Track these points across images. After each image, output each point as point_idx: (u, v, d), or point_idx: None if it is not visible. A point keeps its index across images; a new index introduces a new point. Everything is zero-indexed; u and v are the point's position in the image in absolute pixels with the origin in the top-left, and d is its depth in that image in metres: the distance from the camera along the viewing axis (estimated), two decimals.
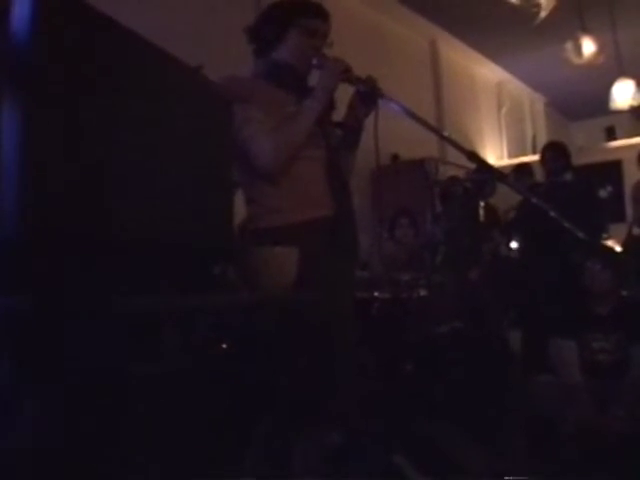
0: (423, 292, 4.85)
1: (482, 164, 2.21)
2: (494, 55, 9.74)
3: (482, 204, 5.17)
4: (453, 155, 7.38)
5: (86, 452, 1.24)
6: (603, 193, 6.27)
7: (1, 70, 1.05)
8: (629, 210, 7.08)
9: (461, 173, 6.04)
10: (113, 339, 1.25)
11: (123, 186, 1.24)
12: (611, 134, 10.48)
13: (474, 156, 2.21)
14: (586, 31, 6.45)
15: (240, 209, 2.61)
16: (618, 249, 5.58)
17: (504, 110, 10.90)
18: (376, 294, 4.65)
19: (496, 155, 10.41)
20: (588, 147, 9.49)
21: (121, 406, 1.32)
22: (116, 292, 1.17)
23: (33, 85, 1.05)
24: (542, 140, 10.12)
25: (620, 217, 7.35)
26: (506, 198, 5.34)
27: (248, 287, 1.72)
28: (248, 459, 2.40)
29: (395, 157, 7.16)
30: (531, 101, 11.81)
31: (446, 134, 2.55)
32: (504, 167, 7.98)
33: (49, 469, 1.17)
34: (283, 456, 2.36)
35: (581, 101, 11.16)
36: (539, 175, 5.85)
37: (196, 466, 1.65)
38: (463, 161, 2.28)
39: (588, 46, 6.40)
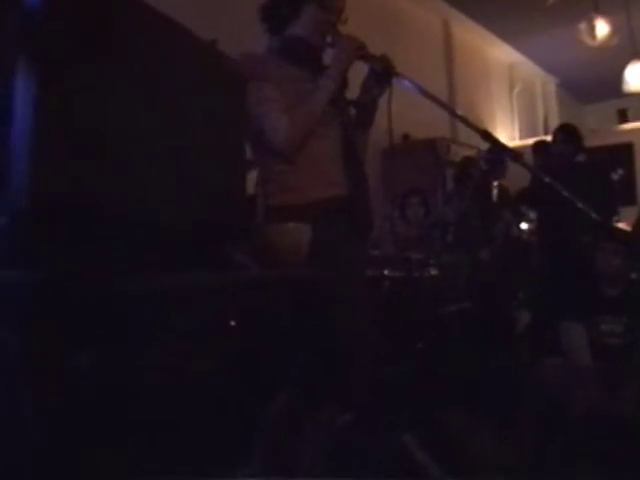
0: (434, 271, 4.84)
1: (496, 144, 2.20)
2: (507, 36, 9.67)
3: (495, 184, 5.15)
4: (464, 135, 7.36)
5: (94, 434, 1.24)
6: (614, 176, 6.24)
7: (14, 43, 1.04)
8: None
9: (473, 153, 6.01)
10: (122, 318, 1.25)
11: (134, 162, 1.23)
12: (623, 117, 10.38)
13: (488, 135, 2.19)
14: (600, 12, 6.39)
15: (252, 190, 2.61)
16: (628, 231, 5.56)
17: (516, 91, 10.84)
18: (386, 272, 4.65)
19: (508, 136, 10.35)
20: (600, 129, 9.42)
21: (129, 387, 1.32)
22: (125, 270, 1.17)
23: (46, 60, 1.04)
24: (554, 122, 10.06)
25: (631, 200, 7.32)
26: (518, 178, 5.31)
27: (260, 264, 1.71)
28: (257, 443, 2.41)
29: (406, 137, 7.13)
30: (543, 83, 11.73)
31: (459, 113, 2.53)
32: (516, 148, 7.94)
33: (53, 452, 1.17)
34: (293, 437, 2.37)
35: (594, 83, 11.08)
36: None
37: (207, 449, 1.65)
38: (474, 141, 2.27)
39: (602, 27, 6.35)
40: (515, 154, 2.15)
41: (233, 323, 3.10)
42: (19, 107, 1.02)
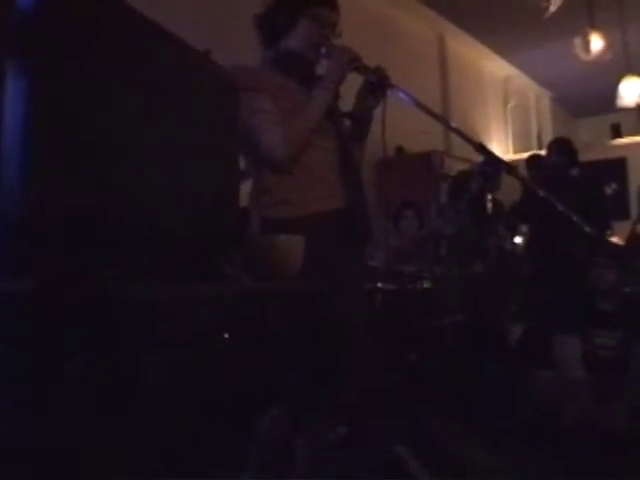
0: (427, 284, 4.84)
1: (491, 156, 2.20)
2: (502, 50, 9.72)
3: (489, 197, 5.16)
4: (458, 148, 7.37)
5: (86, 439, 1.23)
6: (608, 190, 6.25)
7: (6, 44, 1.04)
8: (633, 208, 7.05)
9: (467, 167, 6.02)
10: (111, 327, 1.24)
11: (126, 170, 1.22)
12: (616, 131, 10.44)
13: (482, 148, 2.19)
14: (594, 27, 6.43)
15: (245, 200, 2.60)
16: (622, 245, 5.58)
17: (510, 105, 10.88)
18: (380, 285, 4.64)
19: (501, 150, 10.39)
20: (593, 144, 9.46)
21: (121, 394, 1.31)
22: (116, 279, 1.15)
23: (38, 62, 1.03)
24: (547, 136, 10.10)
25: (624, 215, 7.32)
26: (512, 192, 5.31)
27: (252, 276, 1.70)
28: (251, 450, 2.40)
29: (399, 149, 7.14)
30: (537, 97, 11.79)
31: (454, 126, 2.53)
32: (510, 161, 7.95)
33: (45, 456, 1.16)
34: (286, 446, 2.36)
35: (587, 98, 11.14)
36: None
37: (199, 455, 1.65)
38: (468, 154, 2.27)
39: (596, 42, 6.38)
40: (510, 167, 2.15)
41: (226, 335, 3.09)
42: (9, 110, 1.01)
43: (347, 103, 2.52)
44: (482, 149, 2.17)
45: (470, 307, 5.07)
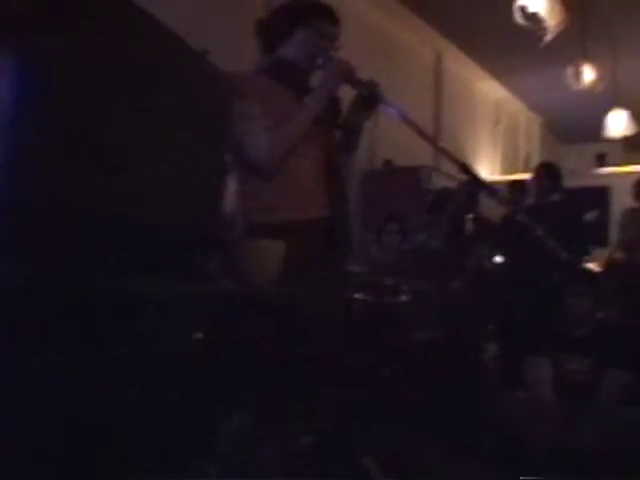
0: (405, 298, 4.86)
1: (473, 177, 2.24)
2: (496, 72, 9.80)
3: (469, 216, 5.20)
4: (447, 165, 7.40)
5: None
6: (590, 216, 6.33)
7: None
8: (613, 235, 7.12)
9: (453, 184, 6.07)
10: (87, 321, 1.24)
11: (111, 165, 1.23)
12: (602, 161, 10.53)
13: (466, 168, 2.23)
14: (587, 58, 6.52)
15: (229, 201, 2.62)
16: (598, 271, 5.66)
17: (501, 127, 10.96)
18: (357, 296, 4.66)
19: (489, 170, 10.46)
20: (578, 171, 9.54)
21: (93, 395, 1.30)
22: (97, 274, 1.16)
23: (30, 61, 1.05)
24: (535, 160, 10.18)
25: (603, 242, 7.40)
26: (498, 213, 5.37)
27: (231, 279, 1.72)
28: (218, 454, 2.40)
29: (388, 162, 7.17)
30: (528, 121, 11.88)
31: (441, 145, 2.57)
32: (496, 183, 8.02)
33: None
34: (252, 452, 2.36)
35: (576, 126, 11.22)
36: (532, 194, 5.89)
37: (163, 458, 1.63)
38: (456, 172, 2.31)
39: (588, 73, 6.48)
40: (490, 189, 2.19)
41: (200, 335, 3.08)
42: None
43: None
44: (465, 169, 2.22)
45: (446, 324, 5.10)
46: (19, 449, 1.16)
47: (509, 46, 7.99)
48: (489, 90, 10.45)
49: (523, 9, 4.81)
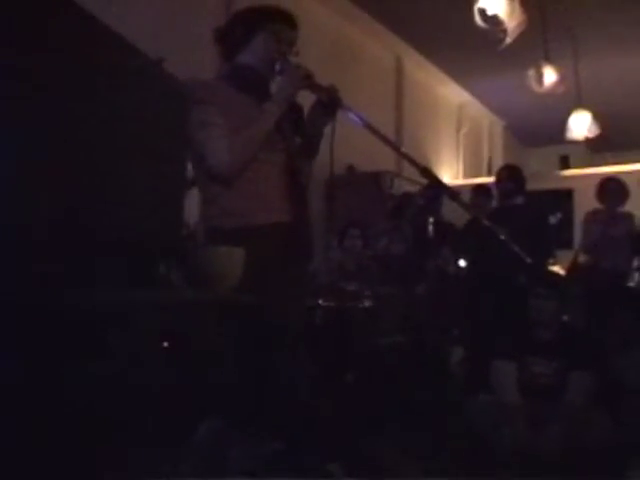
0: (368, 303, 4.84)
1: (434, 180, 2.23)
2: (458, 76, 9.84)
3: (431, 220, 5.20)
4: (409, 170, 7.43)
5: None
6: (553, 219, 6.38)
7: None
8: (577, 238, 7.19)
9: (415, 189, 6.08)
10: (51, 335, 1.22)
11: (70, 178, 1.21)
12: (565, 163, 10.67)
13: (427, 172, 2.22)
14: (548, 60, 6.56)
15: (194, 209, 2.60)
16: (562, 275, 5.68)
17: (463, 131, 11.03)
18: (320, 302, 4.63)
19: (452, 174, 10.52)
20: (542, 174, 9.63)
21: (58, 403, 1.29)
22: (60, 286, 1.14)
23: None
24: (498, 163, 10.25)
25: (567, 244, 7.47)
26: (461, 217, 5.37)
27: (192, 286, 1.70)
28: (185, 459, 2.37)
29: (351, 168, 7.17)
30: (490, 124, 11.98)
31: (402, 149, 2.56)
32: (459, 187, 8.06)
33: None
34: (219, 457, 2.34)
35: (538, 128, 11.34)
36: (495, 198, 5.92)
37: (134, 464, 1.62)
38: (418, 177, 2.30)
39: (549, 75, 6.51)
40: (452, 193, 2.18)
41: (165, 344, 3.05)
42: None
43: None
44: (426, 173, 2.21)
45: (411, 328, 5.10)
46: None
47: (470, 49, 8.03)
48: (451, 94, 10.52)
49: (483, 11, 4.81)
